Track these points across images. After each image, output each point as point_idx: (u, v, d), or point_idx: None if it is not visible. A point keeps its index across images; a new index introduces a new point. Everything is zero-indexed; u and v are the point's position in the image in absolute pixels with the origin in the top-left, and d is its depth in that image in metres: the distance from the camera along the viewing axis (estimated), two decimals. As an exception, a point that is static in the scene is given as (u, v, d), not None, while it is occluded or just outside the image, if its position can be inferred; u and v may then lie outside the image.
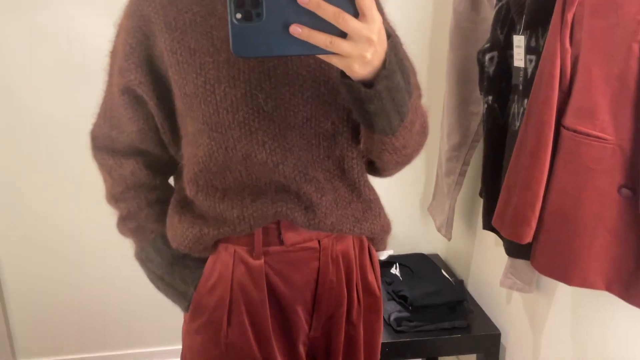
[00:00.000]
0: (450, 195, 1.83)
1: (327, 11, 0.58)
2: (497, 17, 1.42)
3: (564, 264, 1.12)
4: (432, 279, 1.77)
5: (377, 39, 0.61)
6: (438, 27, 1.91)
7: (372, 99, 0.66)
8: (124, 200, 0.95)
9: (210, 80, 0.78)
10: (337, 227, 0.89)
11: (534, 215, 1.13)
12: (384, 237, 1.00)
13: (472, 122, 1.75)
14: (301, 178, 0.84)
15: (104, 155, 0.95)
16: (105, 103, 0.93)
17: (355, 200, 0.91)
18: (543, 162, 1.10)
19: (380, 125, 0.72)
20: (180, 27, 0.80)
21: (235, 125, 0.79)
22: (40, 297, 1.98)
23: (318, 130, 0.82)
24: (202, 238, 0.88)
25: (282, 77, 0.79)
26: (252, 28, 0.59)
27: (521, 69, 1.32)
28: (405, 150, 0.81)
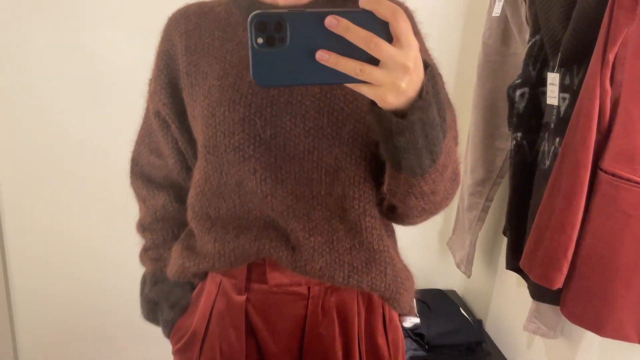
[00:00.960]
0: (472, 231, 1.78)
1: (358, 35, 0.52)
2: (530, 52, 1.39)
3: (596, 313, 1.06)
4: (450, 317, 1.71)
5: (413, 66, 0.54)
6: (465, 59, 1.89)
7: (403, 131, 0.59)
8: (151, 231, 0.95)
9: (213, 103, 0.77)
10: (327, 273, 0.79)
11: (566, 260, 1.08)
12: (399, 298, 0.86)
13: (498, 158, 1.71)
14: (290, 214, 0.78)
15: (140, 184, 0.97)
16: (143, 129, 0.95)
17: (357, 247, 0.80)
18: (577, 204, 1.06)
19: (409, 163, 0.64)
20: (198, 51, 0.81)
21: (230, 149, 0.76)
22: (50, 313, 1.95)
23: (320, 164, 0.76)
24: (183, 272, 0.88)
25: (285, 105, 0.75)
26: (275, 54, 0.53)
27: (554, 107, 1.28)
28: (433, 197, 0.72)
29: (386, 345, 0.88)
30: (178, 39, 0.83)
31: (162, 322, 0.93)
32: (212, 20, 0.82)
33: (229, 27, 0.81)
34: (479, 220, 1.76)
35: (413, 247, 2.09)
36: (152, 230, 0.95)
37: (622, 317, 1.04)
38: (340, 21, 0.51)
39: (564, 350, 1.43)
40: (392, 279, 0.83)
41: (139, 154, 0.96)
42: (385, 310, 0.87)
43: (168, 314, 0.91)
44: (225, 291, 0.86)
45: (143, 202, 0.97)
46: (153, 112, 0.89)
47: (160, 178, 0.94)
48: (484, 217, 1.76)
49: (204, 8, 0.84)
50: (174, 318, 0.91)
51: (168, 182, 0.94)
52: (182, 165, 0.91)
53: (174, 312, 0.91)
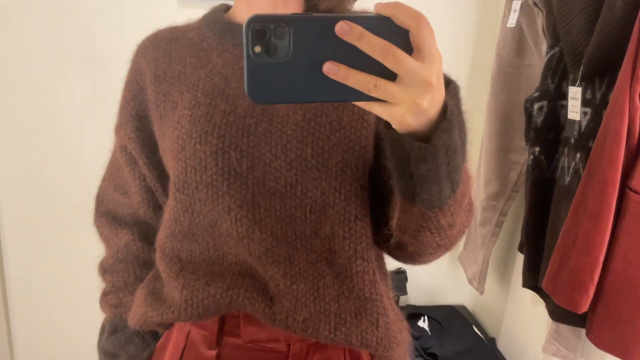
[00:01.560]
0: (485, 247, 1.73)
1: (374, 45, 0.43)
2: (549, 65, 1.35)
3: (625, 339, 1.02)
4: (464, 336, 1.66)
5: (436, 82, 0.45)
6: (477, 70, 1.85)
7: (426, 158, 0.50)
8: (112, 273, 0.86)
9: (183, 135, 0.69)
10: (311, 326, 0.69)
11: (592, 283, 1.04)
12: (391, 355, 0.75)
13: (512, 172, 1.67)
14: (269, 258, 0.68)
15: (103, 223, 0.88)
16: (111, 164, 0.87)
17: (346, 294, 0.70)
18: (605, 225, 1.01)
19: (428, 194, 0.54)
20: (168, 79, 0.73)
21: (202, 186, 0.67)
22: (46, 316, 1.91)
23: (304, 200, 0.67)
24: (146, 321, 0.78)
25: (263, 134, 0.67)
26: (275, 65, 0.44)
27: (575, 122, 1.24)
28: (450, 231, 0.62)
29: None
30: (147, 67, 0.76)
31: None
32: (184, 46, 0.75)
33: (201, 53, 0.74)
34: (493, 236, 1.72)
35: (422, 261, 2.05)
36: (112, 272, 0.85)
37: (653, 343, 0.99)
38: (353, 28, 0.43)
39: (584, 373, 1.38)
40: (384, 331, 0.73)
41: (103, 191, 0.89)
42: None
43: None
44: (194, 344, 0.76)
45: (107, 242, 0.88)
46: (119, 147, 0.81)
47: (125, 215, 0.86)
48: (498, 232, 1.71)
49: (176, 33, 0.78)
50: None
51: (133, 220, 0.86)
52: (150, 204, 0.82)
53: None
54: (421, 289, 2.04)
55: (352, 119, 0.68)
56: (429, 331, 1.69)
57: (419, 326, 1.72)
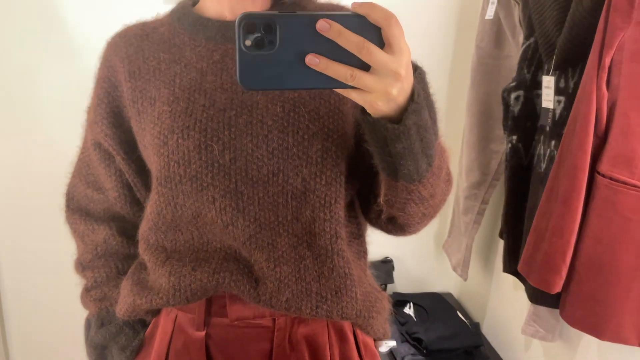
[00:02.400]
0: (468, 234, 1.78)
1: (350, 40, 0.50)
2: (524, 56, 1.39)
3: (596, 317, 1.06)
4: (448, 321, 1.70)
5: (404, 73, 0.53)
6: (458, 63, 1.89)
7: (399, 137, 0.57)
8: (92, 268, 0.87)
9: (164, 131, 0.71)
10: (294, 305, 0.74)
11: (565, 265, 1.08)
12: (372, 323, 0.81)
13: (493, 161, 1.71)
14: (253, 243, 0.72)
15: (76, 219, 0.89)
16: (80, 161, 0.88)
17: (326, 274, 0.74)
18: (575, 208, 1.06)
19: (406, 169, 0.61)
20: (143, 75, 0.75)
21: (186, 180, 0.70)
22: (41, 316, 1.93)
23: (286, 187, 0.71)
24: (135, 310, 0.80)
25: (244, 126, 0.70)
26: (263, 57, 0.51)
27: (550, 110, 1.28)
28: (432, 200, 0.70)
29: None
30: (120, 64, 0.77)
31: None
32: (156, 42, 0.77)
33: (174, 48, 0.75)
34: (475, 223, 1.76)
35: (409, 251, 2.09)
36: (92, 268, 0.86)
37: (622, 320, 1.04)
38: (332, 25, 0.50)
39: (562, 353, 1.43)
40: (362, 303, 0.78)
41: (74, 188, 0.89)
42: (358, 337, 0.82)
43: (119, 356, 0.83)
44: (181, 327, 0.79)
45: (81, 239, 0.88)
46: (93, 144, 0.82)
47: (99, 211, 0.87)
48: (480, 220, 1.75)
49: (146, 29, 0.79)
50: None
51: (109, 215, 0.87)
52: (127, 199, 0.84)
53: (125, 355, 0.82)
54: (408, 277, 2.09)
55: (329, 110, 0.72)
56: (414, 317, 1.73)
57: (405, 312, 1.77)
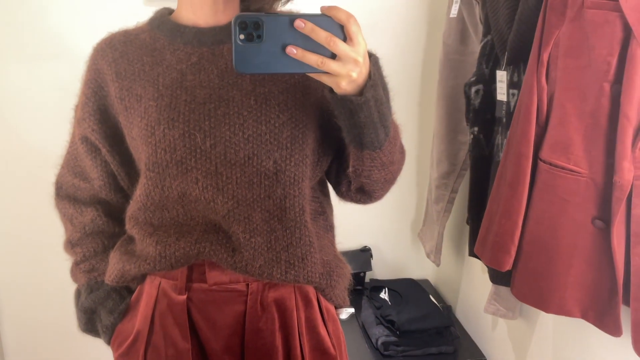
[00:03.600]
0: (439, 222, 1.87)
1: (320, 35, 0.65)
2: (483, 52, 1.48)
3: (541, 291, 1.15)
4: (420, 304, 1.79)
5: (362, 60, 0.68)
6: (429, 58, 1.97)
7: (362, 107, 0.71)
8: (81, 244, 0.97)
9: (151, 123, 0.82)
10: (266, 271, 0.85)
11: (513, 244, 1.17)
12: (334, 286, 0.93)
13: (461, 151, 1.80)
14: (231, 217, 0.83)
15: (66, 204, 0.98)
16: (69, 153, 0.98)
17: (294, 244, 0.86)
18: (521, 192, 1.15)
19: (369, 137, 0.76)
20: (129, 76, 0.85)
21: (172, 164, 0.81)
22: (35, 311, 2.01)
23: (260, 168, 0.82)
24: (124, 275, 0.90)
25: (222, 117, 0.81)
26: (253, 48, 0.66)
27: (504, 102, 1.37)
28: (392, 167, 0.84)
29: (328, 336, 0.93)
30: (107, 67, 0.87)
31: (101, 329, 0.94)
32: (138, 47, 0.87)
33: (155, 52, 0.85)
34: (446, 212, 1.85)
35: (387, 239, 2.18)
36: (81, 245, 0.97)
37: (565, 294, 1.12)
38: (306, 24, 0.65)
39: (523, 330, 1.52)
40: (324, 268, 0.90)
41: (62, 178, 0.99)
42: (321, 303, 0.93)
43: (107, 319, 0.93)
44: (165, 292, 0.89)
45: (70, 221, 0.98)
46: (80, 138, 0.92)
47: (86, 197, 0.97)
48: (450, 208, 1.85)
49: (129, 36, 0.89)
50: (113, 323, 0.92)
51: (96, 199, 0.97)
52: (111, 187, 0.94)
53: (112, 317, 0.93)
54: (386, 265, 2.18)
55: (295, 103, 0.84)
56: (389, 301, 1.82)
57: (380, 297, 1.86)
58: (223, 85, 0.82)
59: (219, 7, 0.85)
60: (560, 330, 1.35)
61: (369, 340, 1.74)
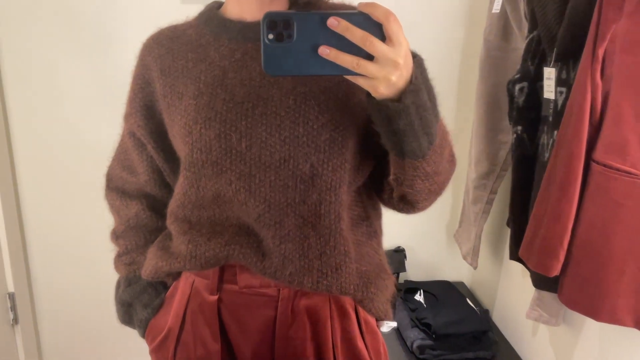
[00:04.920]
0: (477, 224, 1.82)
1: (355, 34, 0.60)
2: (528, 48, 1.43)
3: (592, 299, 1.10)
4: (457, 307, 1.75)
5: (403, 62, 0.61)
6: (468, 55, 1.92)
7: (400, 114, 0.65)
8: (124, 237, 0.98)
9: (189, 122, 0.80)
10: (297, 279, 0.81)
11: (562, 249, 1.12)
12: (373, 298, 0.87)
13: (501, 151, 1.75)
14: (261, 222, 0.80)
15: (114, 196, 1.00)
16: (120, 146, 0.99)
17: (328, 253, 0.81)
18: (572, 195, 1.10)
19: (410, 146, 0.69)
20: (173, 73, 0.84)
21: (208, 165, 0.79)
22: (70, 308, 2.03)
23: (295, 172, 0.78)
24: (157, 271, 0.90)
25: (259, 117, 0.78)
26: (283, 48, 0.61)
27: (551, 100, 1.32)
28: (437, 177, 0.78)
29: (365, 349, 0.88)
30: (153, 63, 0.86)
31: (136, 322, 0.95)
32: (184, 43, 0.85)
33: (200, 49, 0.84)
34: (484, 213, 1.80)
35: (421, 241, 2.14)
36: (124, 237, 0.98)
37: (617, 302, 1.07)
38: (340, 22, 0.59)
39: (567, 337, 1.46)
40: (360, 279, 0.85)
41: (113, 170, 1.01)
42: (359, 314, 0.88)
43: (141, 313, 0.94)
44: (198, 291, 0.88)
45: (117, 213, 1.00)
46: (128, 133, 0.93)
47: (133, 191, 0.98)
48: (489, 210, 1.80)
49: (176, 32, 0.87)
50: (147, 317, 0.93)
51: (142, 193, 0.98)
52: (156, 182, 0.95)
53: (147, 311, 0.93)
54: (420, 267, 2.14)
55: (336, 103, 0.79)
56: (424, 304, 1.78)
57: (415, 299, 1.82)
58: (263, 84, 0.79)
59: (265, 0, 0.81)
60: (607, 338, 1.30)
61: (403, 343, 1.70)
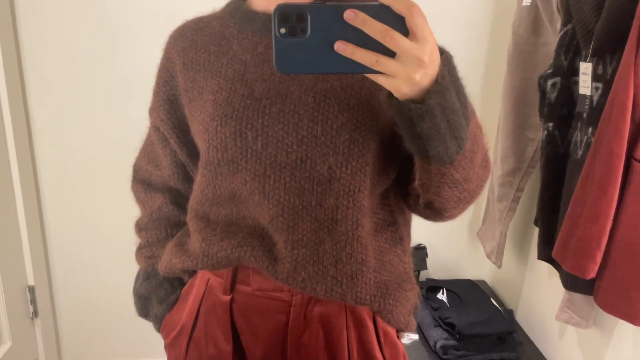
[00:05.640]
0: (502, 222, 1.78)
1: (375, 28, 0.53)
2: (562, 42, 1.39)
3: (630, 302, 1.07)
4: (481, 307, 1.71)
5: (428, 60, 0.55)
6: (495, 49, 1.88)
7: (423, 116, 0.58)
8: (146, 229, 0.98)
9: (207, 118, 0.77)
10: (309, 285, 0.77)
11: (600, 250, 1.08)
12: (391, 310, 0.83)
13: (528, 148, 1.70)
14: (274, 225, 0.76)
15: (139, 188, 1.00)
16: (147, 139, 0.98)
17: (344, 259, 0.77)
18: (611, 195, 1.06)
19: (435, 150, 0.63)
20: (195, 67, 0.81)
21: (224, 163, 0.76)
22: (89, 302, 2.02)
23: (313, 173, 0.74)
24: (171, 268, 0.89)
25: (277, 114, 0.74)
26: (296, 44, 0.56)
27: (587, 96, 1.28)
28: (467, 184, 0.71)
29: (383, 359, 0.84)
30: (176, 56, 0.84)
31: (152, 317, 0.95)
32: (208, 35, 0.82)
33: (223, 41, 0.80)
34: (510, 211, 1.76)
35: (443, 238, 2.10)
36: (147, 230, 0.98)
37: (657, 306, 1.04)
38: (358, 14, 0.53)
39: (597, 340, 1.43)
40: (378, 290, 0.81)
41: (139, 163, 1.00)
42: (378, 325, 0.85)
43: (157, 308, 0.93)
44: (212, 290, 0.86)
45: (142, 205, 1.00)
46: (153, 127, 0.92)
47: (158, 183, 0.98)
48: (515, 208, 1.75)
49: (200, 24, 0.85)
50: (162, 313, 0.93)
51: (165, 187, 0.98)
52: (179, 177, 0.94)
53: (162, 307, 0.93)
54: (441, 265, 2.10)
55: (359, 102, 0.74)
56: (447, 303, 1.75)
57: (438, 298, 1.79)
58: (283, 79, 0.75)
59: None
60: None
61: (426, 342, 1.67)
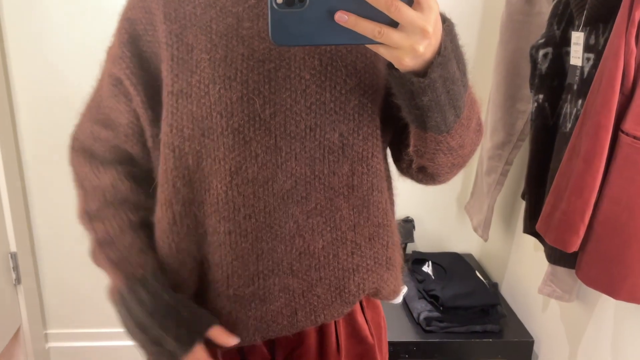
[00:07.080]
0: (490, 195, 1.76)
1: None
2: (555, 11, 1.35)
3: (612, 276, 1.06)
4: (466, 280, 1.71)
5: (432, 30, 0.53)
6: (487, 19, 1.84)
7: (425, 90, 0.58)
8: (101, 219, 0.80)
9: (205, 80, 0.70)
10: (331, 252, 0.76)
11: (583, 224, 1.07)
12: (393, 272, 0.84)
13: (519, 121, 1.68)
14: (288, 198, 0.73)
15: (81, 160, 0.83)
16: (92, 100, 0.84)
17: (362, 223, 0.77)
18: (597, 167, 1.04)
19: (434, 121, 0.62)
20: (179, 19, 0.73)
21: (228, 132, 0.70)
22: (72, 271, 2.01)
23: (323, 142, 0.72)
24: None
25: (283, 80, 0.70)
26: (294, 14, 0.53)
27: (578, 67, 1.25)
28: (461, 150, 0.71)
29: (366, 324, 0.86)
30: (155, 6, 0.74)
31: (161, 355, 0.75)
32: None
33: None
34: (498, 184, 1.75)
35: (431, 211, 2.09)
36: (102, 218, 0.79)
37: (638, 281, 1.03)
38: None
39: (579, 314, 1.43)
40: (392, 252, 0.82)
41: (80, 127, 0.85)
42: None
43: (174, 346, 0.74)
44: None
45: (87, 183, 0.82)
46: (113, 80, 0.78)
47: (105, 152, 0.82)
48: (503, 181, 1.74)
49: None
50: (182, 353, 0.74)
51: (115, 156, 0.82)
52: (139, 141, 0.80)
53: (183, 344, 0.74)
54: (428, 238, 2.10)
55: (365, 64, 0.72)
56: (432, 275, 1.75)
57: (423, 271, 1.78)
58: None
59: None
60: (623, 317, 1.26)
61: (409, 314, 1.67)
